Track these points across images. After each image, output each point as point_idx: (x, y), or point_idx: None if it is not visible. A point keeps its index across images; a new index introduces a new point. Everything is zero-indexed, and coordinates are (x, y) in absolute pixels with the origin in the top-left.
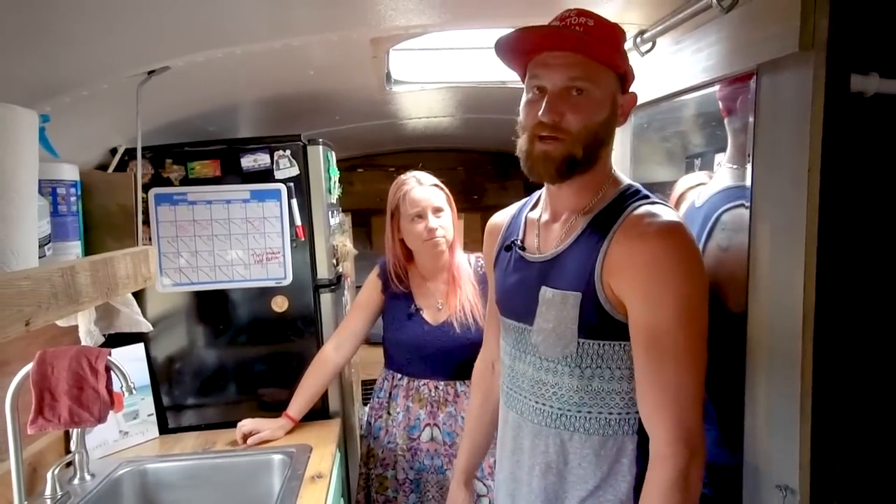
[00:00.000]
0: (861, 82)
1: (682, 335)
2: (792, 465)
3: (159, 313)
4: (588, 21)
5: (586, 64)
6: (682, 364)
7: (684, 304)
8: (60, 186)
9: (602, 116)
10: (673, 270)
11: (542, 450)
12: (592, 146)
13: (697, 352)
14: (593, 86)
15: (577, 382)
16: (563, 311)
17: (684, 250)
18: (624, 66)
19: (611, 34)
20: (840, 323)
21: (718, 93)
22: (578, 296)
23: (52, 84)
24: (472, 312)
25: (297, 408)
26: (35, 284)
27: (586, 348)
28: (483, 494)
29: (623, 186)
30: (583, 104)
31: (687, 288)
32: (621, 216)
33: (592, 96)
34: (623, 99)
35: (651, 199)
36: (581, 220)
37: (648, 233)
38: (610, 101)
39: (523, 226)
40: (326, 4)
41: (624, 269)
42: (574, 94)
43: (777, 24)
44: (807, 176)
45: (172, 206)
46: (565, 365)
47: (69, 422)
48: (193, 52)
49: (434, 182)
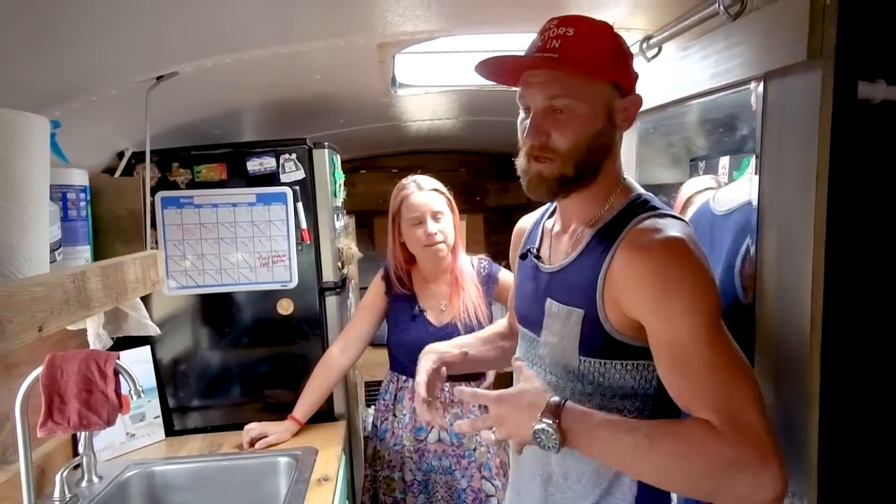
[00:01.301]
0: (868, 89)
1: (709, 348)
2: (800, 471)
3: (165, 316)
4: (568, 31)
5: (566, 80)
6: (716, 365)
7: (700, 317)
8: (70, 191)
9: (593, 129)
10: (681, 284)
11: (542, 461)
12: (586, 161)
13: (735, 361)
14: (577, 101)
15: (578, 397)
16: (567, 327)
17: (689, 263)
18: (613, 72)
19: (595, 41)
20: (848, 329)
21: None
22: (581, 313)
23: (63, 89)
24: (475, 314)
25: (302, 410)
26: (48, 291)
27: (587, 366)
28: (491, 494)
29: (632, 196)
30: (567, 122)
31: (699, 300)
32: (625, 229)
33: (577, 112)
34: (624, 103)
35: (658, 211)
36: (587, 233)
37: (650, 248)
38: (602, 111)
39: (541, 234)
40: (334, 11)
41: (628, 286)
42: (558, 112)
43: (785, 33)
44: (814, 183)
45: (179, 209)
46: (568, 380)
47: (78, 425)
48: (202, 57)
49: (434, 186)
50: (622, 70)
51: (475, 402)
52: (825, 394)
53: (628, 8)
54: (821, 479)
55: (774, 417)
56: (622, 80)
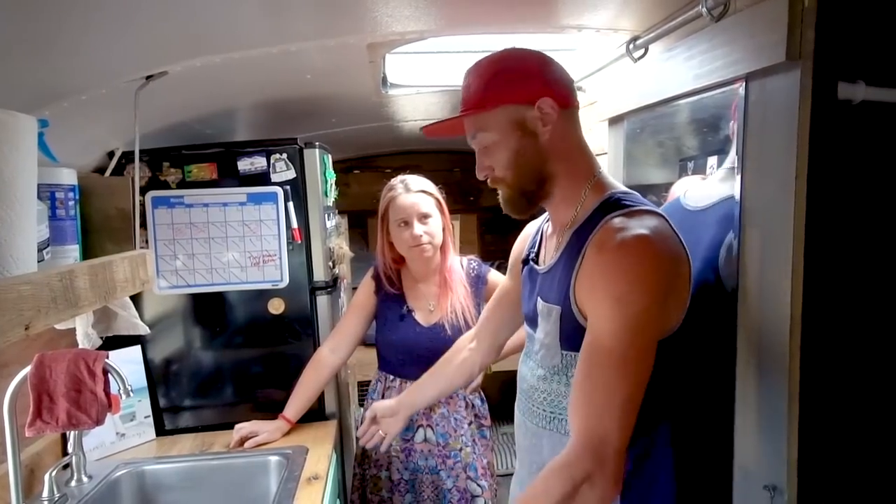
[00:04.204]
0: (848, 90)
1: (620, 348)
2: (780, 466)
3: (156, 316)
4: (467, 82)
5: (474, 121)
6: (611, 376)
7: (628, 320)
8: (59, 190)
9: (511, 150)
10: (621, 283)
11: (537, 449)
12: (525, 176)
13: (633, 367)
14: (488, 133)
15: (564, 390)
16: (549, 324)
17: (640, 263)
18: (504, 96)
19: (480, 80)
20: (827, 326)
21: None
22: (559, 310)
23: (52, 89)
24: (463, 315)
25: (293, 409)
26: (35, 289)
27: (569, 360)
28: (477, 495)
29: (605, 195)
30: (491, 152)
31: (634, 303)
32: (595, 229)
33: (494, 142)
34: (535, 111)
35: (629, 209)
36: (567, 234)
37: (609, 246)
38: (514, 129)
39: (540, 238)
40: (324, 11)
41: (587, 286)
42: (484, 148)
43: (765, 34)
44: (794, 182)
45: (169, 208)
46: (554, 374)
47: (67, 424)
48: (192, 57)
49: (422, 187)
50: (509, 89)
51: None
52: (805, 388)
53: (616, 10)
54: (801, 473)
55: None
56: (514, 98)
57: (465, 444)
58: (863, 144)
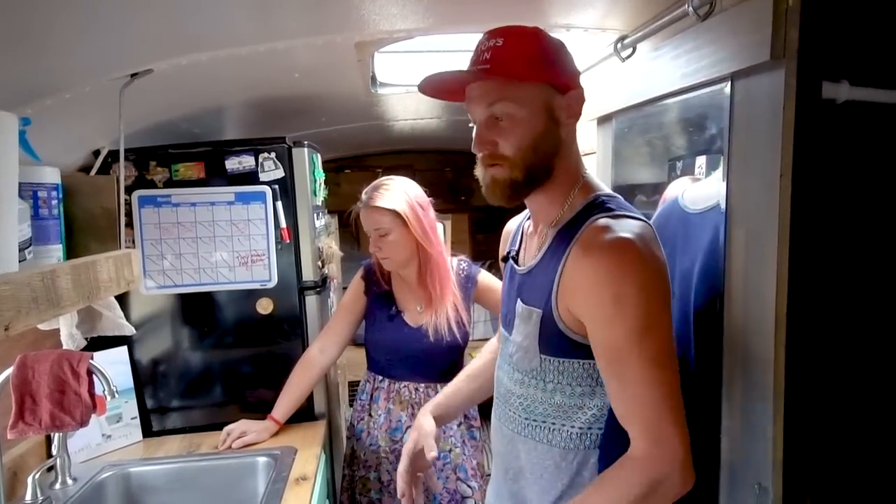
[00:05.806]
0: (832, 89)
1: (640, 350)
2: (765, 464)
3: (143, 316)
4: (497, 42)
5: (500, 88)
6: (644, 373)
7: (639, 321)
8: (41, 189)
9: (535, 131)
10: (622, 286)
11: (513, 455)
12: (535, 163)
13: (661, 363)
14: (514, 106)
15: (541, 395)
16: (529, 327)
17: (633, 264)
18: (545, 73)
19: (523, 47)
20: (811, 325)
21: None
22: (539, 313)
23: (33, 87)
24: (447, 320)
25: (282, 410)
26: (15, 289)
27: (547, 364)
28: (468, 496)
29: (592, 196)
30: (508, 128)
31: (640, 304)
32: (580, 230)
33: (516, 117)
34: (566, 100)
35: (614, 212)
36: (550, 233)
37: (597, 250)
38: (542, 111)
39: (520, 236)
40: (311, 9)
41: (576, 289)
42: (499, 120)
43: (750, 34)
44: (779, 181)
45: (156, 208)
46: (531, 378)
47: (50, 426)
48: (177, 55)
49: (382, 203)
50: (554, 70)
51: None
52: (789, 388)
53: (604, 9)
54: (786, 471)
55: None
56: (556, 80)
57: (455, 445)
58: (847, 144)
